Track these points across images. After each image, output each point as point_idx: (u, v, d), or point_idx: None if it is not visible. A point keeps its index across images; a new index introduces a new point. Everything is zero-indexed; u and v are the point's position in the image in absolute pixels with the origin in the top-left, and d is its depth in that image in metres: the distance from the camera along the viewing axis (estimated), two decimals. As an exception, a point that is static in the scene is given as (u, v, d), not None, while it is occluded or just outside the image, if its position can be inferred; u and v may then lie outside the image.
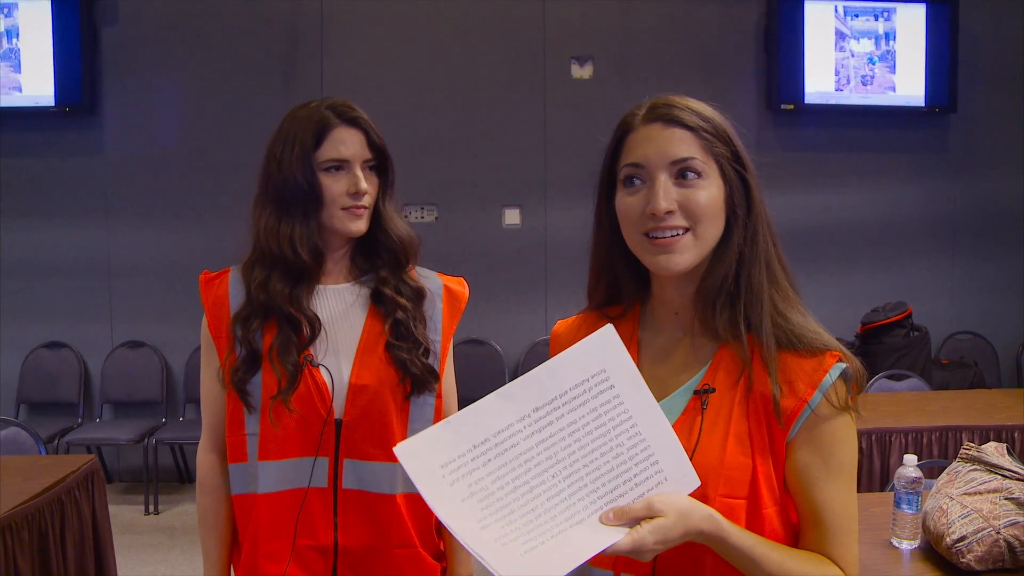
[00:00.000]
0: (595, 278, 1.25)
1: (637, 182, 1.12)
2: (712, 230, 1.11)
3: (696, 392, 1.13)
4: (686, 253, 1.10)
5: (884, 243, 5.37)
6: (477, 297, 5.69)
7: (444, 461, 0.95)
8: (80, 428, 4.79)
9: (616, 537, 0.96)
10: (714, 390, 1.12)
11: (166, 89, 5.05)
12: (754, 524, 1.08)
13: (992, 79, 5.35)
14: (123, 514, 4.54)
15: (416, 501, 1.64)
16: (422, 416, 1.65)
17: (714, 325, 1.13)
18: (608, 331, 1.02)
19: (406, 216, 4.99)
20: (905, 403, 3.56)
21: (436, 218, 5.19)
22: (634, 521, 0.98)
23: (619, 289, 1.24)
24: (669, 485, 1.01)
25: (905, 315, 4.63)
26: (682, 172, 1.10)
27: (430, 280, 1.72)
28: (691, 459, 1.06)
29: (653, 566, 1.10)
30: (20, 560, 2.33)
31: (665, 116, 1.12)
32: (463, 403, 1.59)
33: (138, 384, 5.03)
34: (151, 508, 4.63)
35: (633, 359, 1.19)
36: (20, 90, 4.90)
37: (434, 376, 1.65)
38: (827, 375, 1.09)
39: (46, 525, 2.46)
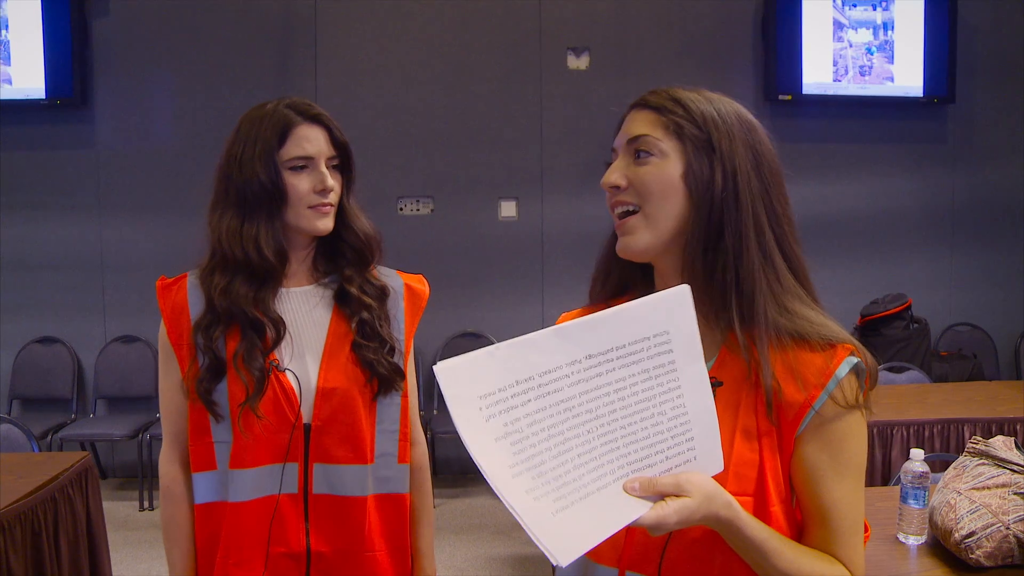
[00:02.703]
0: (604, 272, 1.23)
1: None
2: (665, 209, 1.09)
3: None
4: (637, 234, 1.10)
5: (882, 234, 5.35)
6: (473, 290, 5.68)
7: (484, 392, 0.89)
8: (74, 424, 4.75)
9: (640, 511, 0.92)
10: (721, 383, 1.09)
11: (158, 83, 4.99)
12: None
13: (990, 69, 5.33)
14: (117, 510, 4.51)
15: (387, 502, 1.64)
16: (389, 416, 1.64)
17: (713, 319, 1.10)
18: (684, 291, 0.97)
19: (401, 209, 5.03)
20: (906, 395, 3.54)
21: (432, 211, 5.15)
22: (658, 496, 0.95)
23: (628, 284, 1.21)
24: (696, 464, 0.98)
25: (905, 307, 4.61)
26: (637, 151, 1.11)
27: (392, 279, 1.70)
28: None
29: (659, 567, 1.08)
30: (13, 559, 2.29)
31: (638, 102, 1.14)
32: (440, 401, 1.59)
33: (132, 379, 4.99)
34: (146, 504, 4.60)
35: None
36: (10, 83, 4.84)
37: (400, 375, 1.63)
38: (838, 370, 1.05)
39: (40, 524, 2.43)
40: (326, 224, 1.58)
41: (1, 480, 2.50)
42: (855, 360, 1.06)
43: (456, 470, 5.16)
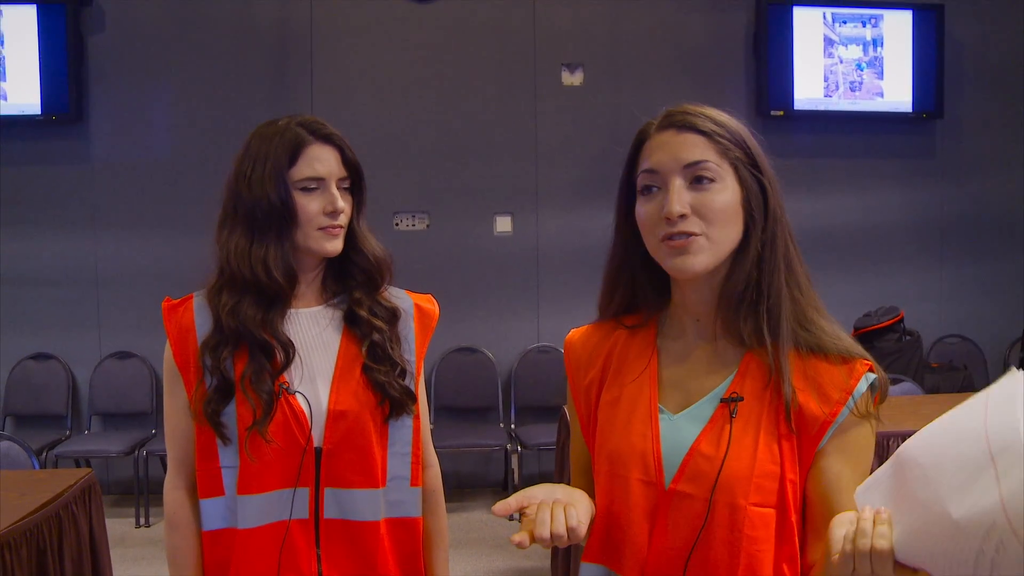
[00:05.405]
0: (610, 287, 1.25)
1: (654, 189, 1.13)
2: (728, 233, 1.11)
3: (723, 400, 1.13)
4: (700, 255, 1.10)
5: (872, 248, 5.40)
6: (469, 305, 5.66)
7: None
8: (69, 440, 4.73)
9: None
10: (742, 399, 1.12)
11: (154, 98, 5.00)
12: (783, 533, 1.09)
13: (978, 85, 5.41)
14: (114, 527, 4.45)
15: (400, 526, 1.61)
16: (401, 438, 1.61)
17: (739, 331, 1.13)
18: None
19: (396, 224, 5.04)
20: (900, 407, 3.56)
21: (427, 226, 5.17)
22: None
23: (635, 299, 1.24)
24: None
25: (897, 319, 4.66)
26: (696, 177, 1.10)
27: (401, 300, 1.68)
28: (721, 467, 1.07)
29: (684, 568, 1.10)
30: (19, 578, 2.29)
31: (679, 122, 1.13)
32: (449, 410, 1.56)
33: (127, 395, 4.96)
34: (142, 520, 4.58)
35: (654, 366, 1.19)
36: (5, 98, 4.84)
37: (412, 398, 1.60)
38: (859, 384, 1.09)
39: (44, 541, 2.42)
40: (335, 246, 1.56)
41: (5, 498, 2.49)
42: (873, 376, 1.10)
43: (452, 484, 5.16)
